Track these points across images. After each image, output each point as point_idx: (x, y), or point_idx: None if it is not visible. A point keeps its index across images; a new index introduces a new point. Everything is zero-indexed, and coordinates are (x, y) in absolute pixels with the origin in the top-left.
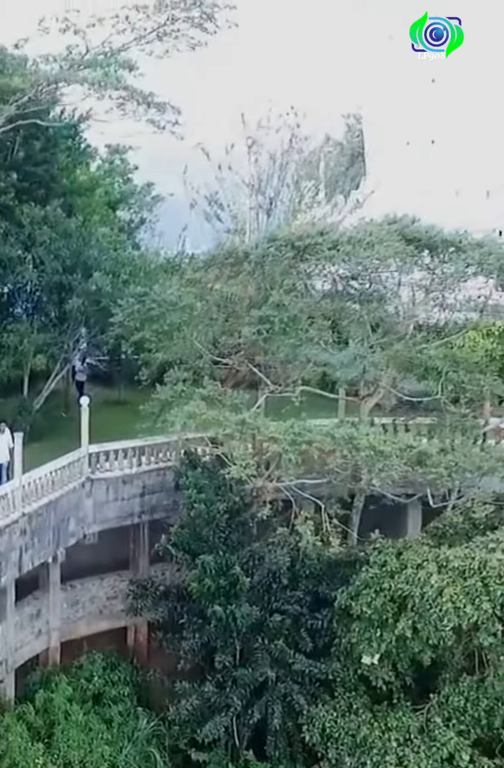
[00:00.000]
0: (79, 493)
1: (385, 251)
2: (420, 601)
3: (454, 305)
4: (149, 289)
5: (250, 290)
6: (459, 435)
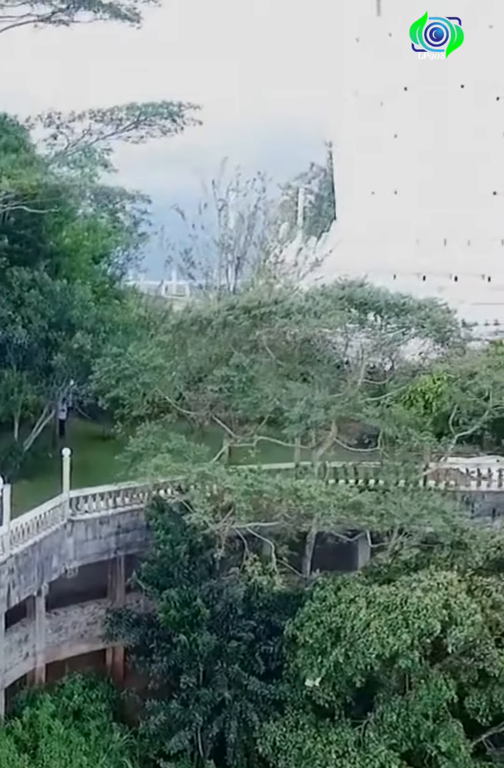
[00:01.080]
0: (62, 533)
1: (332, 321)
2: (351, 632)
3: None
4: (124, 350)
5: (213, 352)
6: (402, 477)
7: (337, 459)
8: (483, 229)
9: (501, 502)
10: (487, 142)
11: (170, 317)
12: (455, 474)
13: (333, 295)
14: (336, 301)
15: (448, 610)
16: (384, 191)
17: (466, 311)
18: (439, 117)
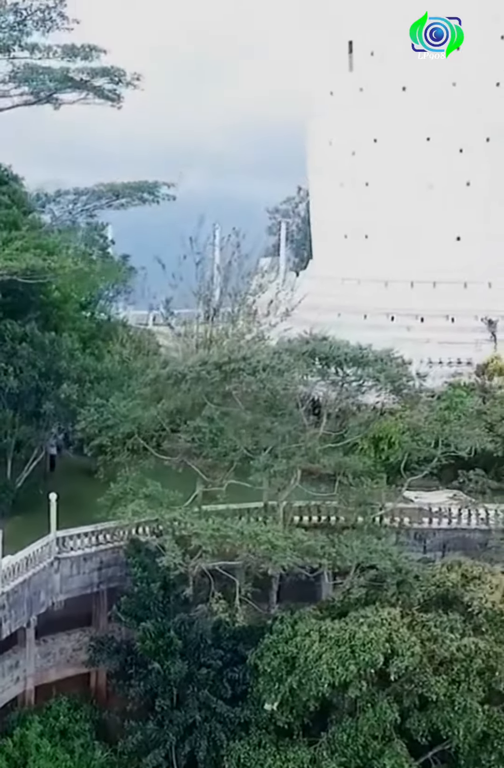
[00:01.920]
0: (49, 570)
1: (293, 379)
2: (304, 662)
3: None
4: (107, 401)
5: (188, 403)
6: (359, 516)
7: (304, 495)
8: (447, 273)
9: (450, 538)
10: (450, 192)
11: (149, 371)
12: (410, 511)
13: (297, 350)
14: (300, 356)
15: (391, 643)
16: (356, 235)
17: (431, 349)
18: (407, 167)
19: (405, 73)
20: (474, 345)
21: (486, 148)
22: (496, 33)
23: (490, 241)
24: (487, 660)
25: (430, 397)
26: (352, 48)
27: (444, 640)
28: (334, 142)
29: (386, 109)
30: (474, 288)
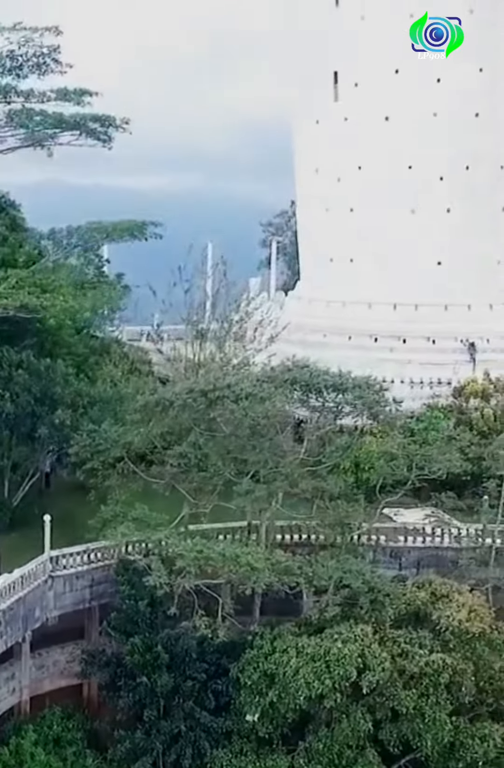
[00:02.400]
0: (43, 588)
1: (274, 408)
2: (283, 677)
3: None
4: (99, 426)
5: (175, 429)
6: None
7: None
8: (428, 296)
9: (424, 556)
10: (431, 219)
11: (138, 396)
12: (386, 530)
13: (279, 378)
14: (282, 383)
15: (363, 659)
16: (341, 259)
17: (413, 370)
18: (390, 194)
19: (388, 103)
20: (454, 366)
21: (466, 175)
22: (475, 66)
23: (469, 266)
24: (454, 675)
25: (409, 418)
26: (337, 79)
27: (414, 655)
28: (320, 170)
29: (370, 138)
30: (454, 310)
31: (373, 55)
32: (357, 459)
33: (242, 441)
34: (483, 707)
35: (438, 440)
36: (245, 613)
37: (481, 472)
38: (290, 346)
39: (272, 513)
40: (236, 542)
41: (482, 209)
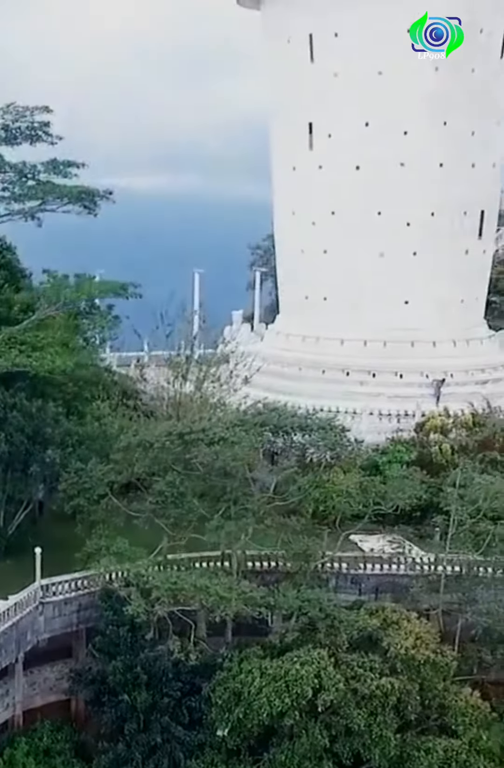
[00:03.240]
0: (34, 613)
1: (243, 452)
2: (248, 696)
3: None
4: (85, 465)
5: (154, 469)
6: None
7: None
8: (396, 333)
9: (382, 582)
10: (399, 261)
11: (122, 436)
12: (347, 559)
13: (250, 422)
14: (253, 426)
15: (319, 680)
16: (315, 297)
17: (382, 403)
18: (361, 238)
19: (359, 154)
20: (419, 399)
21: (431, 222)
22: (440, 120)
23: (434, 305)
24: (401, 696)
25: (375, 450)
26: (312, 129)
27: (365, 678)
28: (296, 213)
29: (342, 185)
30: (420, 347)
31: (345, 108)
32: (318, 498)
33: (214, 481)
34: (429, 722)
35: (397, 475)
36: (219, 634)
37: (439, 502)
38: (270, 377)
39: (243, 545)
40: (208, 572)
41: (446, 253)
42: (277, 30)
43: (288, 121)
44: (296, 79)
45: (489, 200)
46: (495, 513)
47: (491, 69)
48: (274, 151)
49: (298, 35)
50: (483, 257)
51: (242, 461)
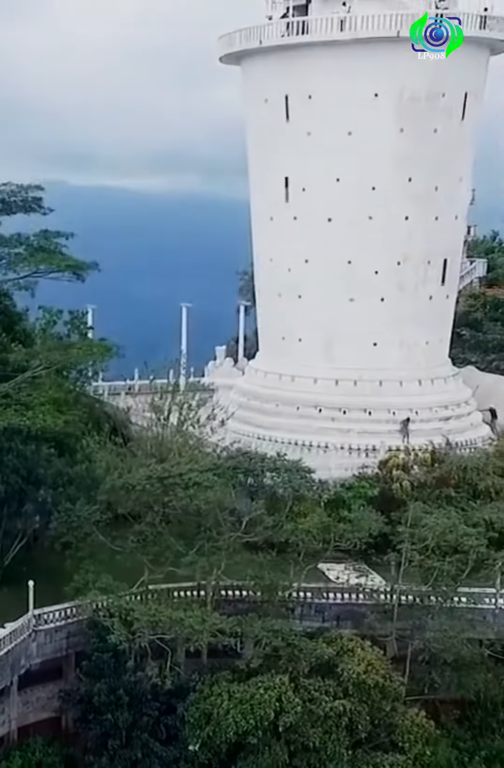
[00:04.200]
0: (28, 640)
1: (216, 496)
2: (217, 716)
3: None
4: (73, 505)
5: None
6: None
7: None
8: (365, 373)
9: (343, 611)
10: (368, 306)
11: (107, 478)
12: (312, 589)
13: (223, 466)
14: (225, 470)
15: (280, 703)
16: (291, 338)
17: (352, 438)
18: (333, 284)
19: (331, 207)
20: (386, 435)
21: (397, 270)
22: (405, 176)
23: (401, 347)
24: (352, 717)
25: (341, 486)
26: (288, 183)
27: (321, 701)
28: (273, 260)
29: (315, 235)
30: (387, 386)
31: (318, 165)
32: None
33: (190, 521)
34: (379, 739)
35: (354, 516)
36: (197, 656)
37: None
38: (250, 412)
39: (216, 577)
40: (184, 604)
41: (412, 298)
42: (256, 90)
43: (265, 174)
44: (273, 136)
45: (451, 250)
46: (442, 550)
47: (453, 130)
48: (254, 201)
49: (274, 96)
50: (446, 302)
51: (214, 504)
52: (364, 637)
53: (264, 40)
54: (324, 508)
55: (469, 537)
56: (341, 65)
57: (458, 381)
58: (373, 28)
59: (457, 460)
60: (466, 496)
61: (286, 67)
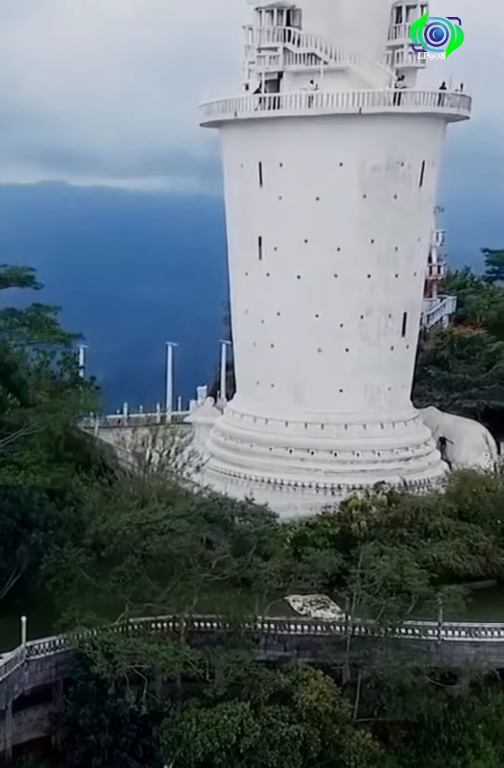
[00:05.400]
0: (21, 670)
1: (186, 538)
2: (186, 738)
3: None
4: (61, 547)
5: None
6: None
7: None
8: (332, 417)
9: (302, 641)
10: (334, 356)
11: (92, 523)
12: (275, 621)
13: (195, 513)
14: (197, 517)
15: (241, 727)
16: (264, 384)
17: (319, 477)
18: (302, 336)
19: (300, 265)
20: (351, 475)
21: (360, 323)
22: (368, 238)
23: (365, 393)
24: (305, 740)
25: (305, 525)
26: (261, 242)
27: (277, 726)
28: (248, 311)
29: (286, 290)
30: (352, 429)
31: (288, 227)
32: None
33: (165, 563)
34: (329, 759)
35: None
36: (172, 681)
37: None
38: (227, 451)
39: (189, 612)
40: (159, 637)
41: (374, 348)
42: (233, 155)
43: (241, 233)
44: (248, 198)
45: (411, 304)
46: (388, 589)
47: (412, 196)
48: (231, 255)
49: (249, 162)
50: (406, 351)
51: (185, 549)
52: (322, 664)
53: (239, 113)
54: (290, 544)
55: (412, 578)
56: (309, 137)
57: (418, 423)
58: (337, 105)
59: (411, 502)
60: (417, 535)
61: (259, 137)
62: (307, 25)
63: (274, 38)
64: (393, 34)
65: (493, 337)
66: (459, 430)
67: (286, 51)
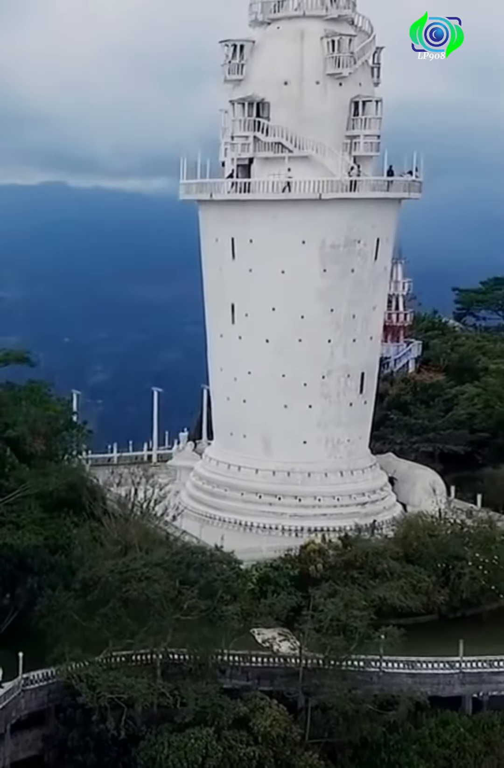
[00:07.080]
0: (18, 698)
1: (161, 585)
2: (160, 759)
3: None
4: (53, 591)
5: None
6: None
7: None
8: (297, 466)
9: (263, 672)
10: (299, 411)
11: (80, 569)
12: (238, 654)
13: (170, 561)
14: (173, 564)
15: (206, 750)
16: (237, 434)
17: (285, 521)
18: (270, 393)
19: (268, 330)
20: (313, 518)
21: (322, 383)
22: (328, 307)
23: (326, 444)
24: (260, 760)
25: (269, 566)
26: (234, 309)
27: (237, 749)
28: (223, 369)
29: (256, 352)
30: (315, 476)
31: (257, 296)
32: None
33: (142, 606)
34: None
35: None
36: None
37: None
38: (204, 494)
39: (164, 647)
40: (138, 669)
41: (335, 405)
42: (209, 229)
43: (216, 300)
44: (222, 269)
45: (368, 364)
46: (334, 629)
47: (367, 269)
48: (208, 319)
49: (223, 237)
50: (364, 407)
51: (160, 594)
52: (278, 692)
53: (214, 194)
54: (255, 583)
55: (355, 619)
56: (276, 218)
57: (375, 470)
58: (301, 191)
59: (362, 546)
60: (367, 576)
61: (232, 216)
62: (275, 117)
63: (245, 128)
64: (351, 126)
65: (452, 383)
66: (413, 475)
67: (256, 139)
